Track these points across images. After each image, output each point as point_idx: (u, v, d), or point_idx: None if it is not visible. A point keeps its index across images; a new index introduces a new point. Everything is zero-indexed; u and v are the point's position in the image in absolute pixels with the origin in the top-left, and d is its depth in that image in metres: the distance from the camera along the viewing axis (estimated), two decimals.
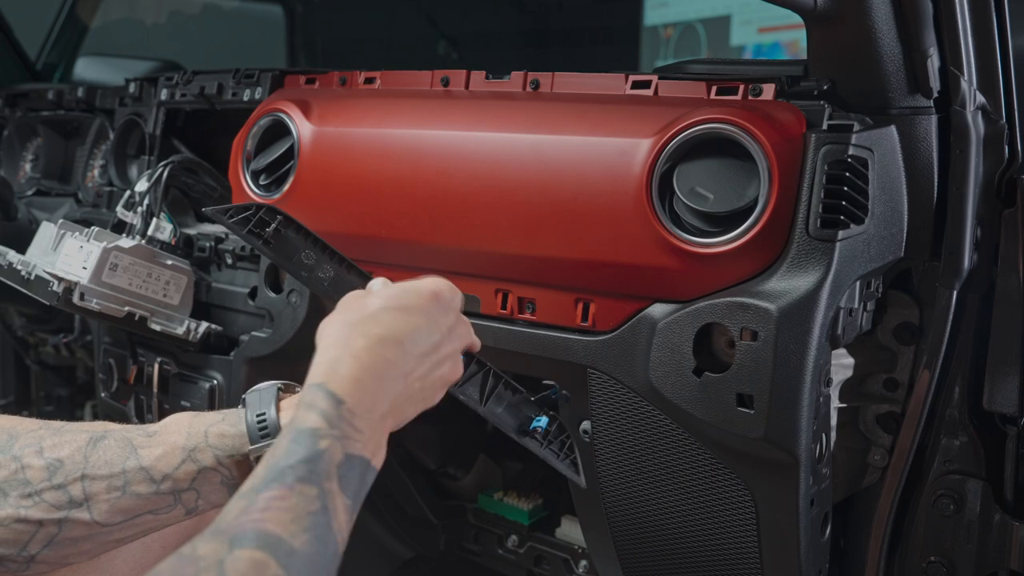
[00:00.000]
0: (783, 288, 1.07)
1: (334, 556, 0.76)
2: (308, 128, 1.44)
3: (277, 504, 0.74)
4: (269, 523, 0.72)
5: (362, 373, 0.85)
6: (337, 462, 0.79)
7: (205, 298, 1.62)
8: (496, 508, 1.68)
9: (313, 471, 0.77)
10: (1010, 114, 1.18)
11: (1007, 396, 1.17)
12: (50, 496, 0.92)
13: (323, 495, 0.76)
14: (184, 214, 1.72)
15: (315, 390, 0.83)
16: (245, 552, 0.70)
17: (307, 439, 0.79)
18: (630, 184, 1.14)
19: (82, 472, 0.93)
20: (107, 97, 1.99)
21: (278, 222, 1.08)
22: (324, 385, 0.83)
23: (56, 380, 2.36)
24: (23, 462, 0.93)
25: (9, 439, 0.95)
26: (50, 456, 0.94)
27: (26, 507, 0.92)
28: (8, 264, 1.61)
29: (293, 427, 0.81)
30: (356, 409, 0.83)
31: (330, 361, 0.86)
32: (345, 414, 0.82)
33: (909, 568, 1.26)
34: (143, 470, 0.93)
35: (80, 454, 0.94)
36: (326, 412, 0.81)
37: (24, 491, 0.92)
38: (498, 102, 1.32)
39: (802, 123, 1.10)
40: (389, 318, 0.91)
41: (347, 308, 0.93)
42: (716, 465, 1.15)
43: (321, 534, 0.75)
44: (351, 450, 0.81)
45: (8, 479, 0.92)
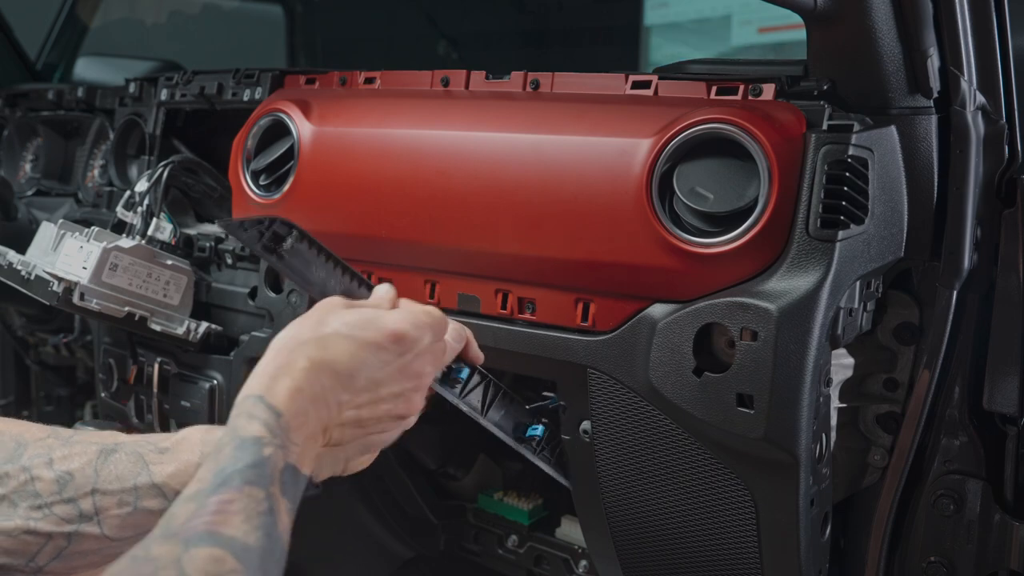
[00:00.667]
0: (783, 288, 1.07)
1: (282, 555, 0.78)
2: (308, 128, 1.44)
3: (228, 507, 0.76)
4: (221, 524, 0.74)
5: (298, 393, 0.87)
6: (280, 468, 0.82)
7: (205, 298, 1.62)
8: (496, 508, 1.68)
9: (260, 475, 0.79)
10: (1010, 114, 1.18)
11: (1007, 396, 1.17)
12: (60, 509, 0.92)
13: (269, 498, 0.79)
14: (184, 214, 1.72)
15: (255, 401, 0.85)
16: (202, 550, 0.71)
17: (252, 446, 0.81)
18: (630, 184, 1.14)
19: (93, 487, 0.93)
20: (107, 97, 1.99)
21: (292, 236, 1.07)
22: (263, 398, 0.85)
23: (56, 380, 2.36)
24: (33, 473, 0.93)
25: (17, 447, 0.95)
26: (60, 469, 0.93)
27: (36, 519, 0.92)
28: (8, 264, 1.61)
29: (236, 435, 0.82)
30: (291, 423, 0.85)
31: (270, 376, 0.88)
32: (283, 425, 0.84)
33: (909, 568, 1.26)
34: (155, 487, 0.93)
35: (91, 467, 0.94)
36: (267, 422, 0.84)
37: (34, 503, 0.92)
38: (498, 102, 1.32)
39: (802, 123, 1.10)
40: (335, 345, 0.91)
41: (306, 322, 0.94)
42: (716, 465, 1.15)
43: (270, 532, 0.77)
44: (289, 459, 0.83)
45: (18, 490, 0.92)
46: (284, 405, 0.85)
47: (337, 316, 0.95)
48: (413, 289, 1.35)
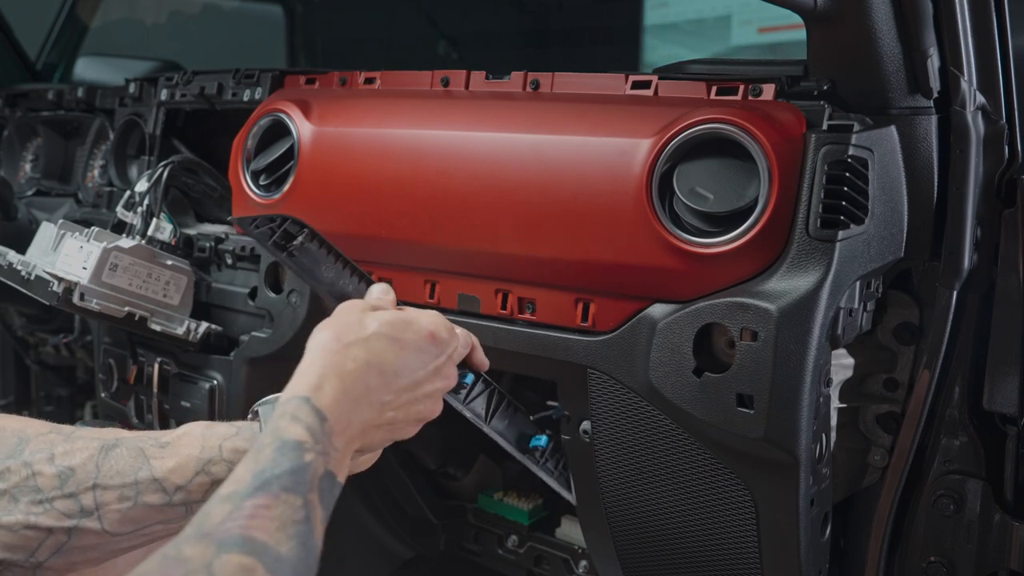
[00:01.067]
0: (783, 288, 1.07)
1: (314, 564, 0.78)
2: (308, 128, 1.44)
3: (264, 512, 0.75)
4: (256, 530, 0.73)
5: (344, 395, 0.87)
6: (320, 475, 0.81)
7: (205, 298, 1.62)
8: (496, 508, 1.68)
9: (299, 482, 0.79)
10: (1010, 114, 1.18)
11: (1007, 396, 1.17)
12: (61, 504, 0.92)
13: (307, 506, 0.78)
14: (184, 214, 1.72)
15: (301, 403, 0.85)
16: (233, 556, 0.71)
17: (293, 451, 0.81)
18: (630, 184, 1.14)
19: (94, 482, 0.93)
20: (107, 97, 1.99)
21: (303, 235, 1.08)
22: (310, 400, 0.85)
23: (56, 380, 2.36)
24: (34, 468, 0.93)
25: (19, 443, 0.95)
26: (61, 464, 0.94)
27: (36, 514, 0.92)
28: (8, 264, 1.61)
29: (278, 436, 0.82)
30: (335, 428, 0.85)
31: (318, 376, 0.88)
32: (327, 431, 0.84)
33: (909, 568, 1.26)
34: (155, 481, 0.93)
35: (92, 463, 0.94)
36: (311, 427, 0.83)
37: (35, 498, 0.92)
38: (498, 102, 1.32)
39: (802, 123, 1.10)
40: (381, 346, 0.92)
41: (343, 324, 0.94)
42: (716, 465, 1.15)
43: (305, 541, 0.76)
44: (329, 466, 0.83)
45: (19, 485, 0.93)
46: (329, 408, 0.85)
47: (374, 317, 0.95)
48: (413, 289, 1.35)
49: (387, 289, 1.03)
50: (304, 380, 0.87)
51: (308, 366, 0.89)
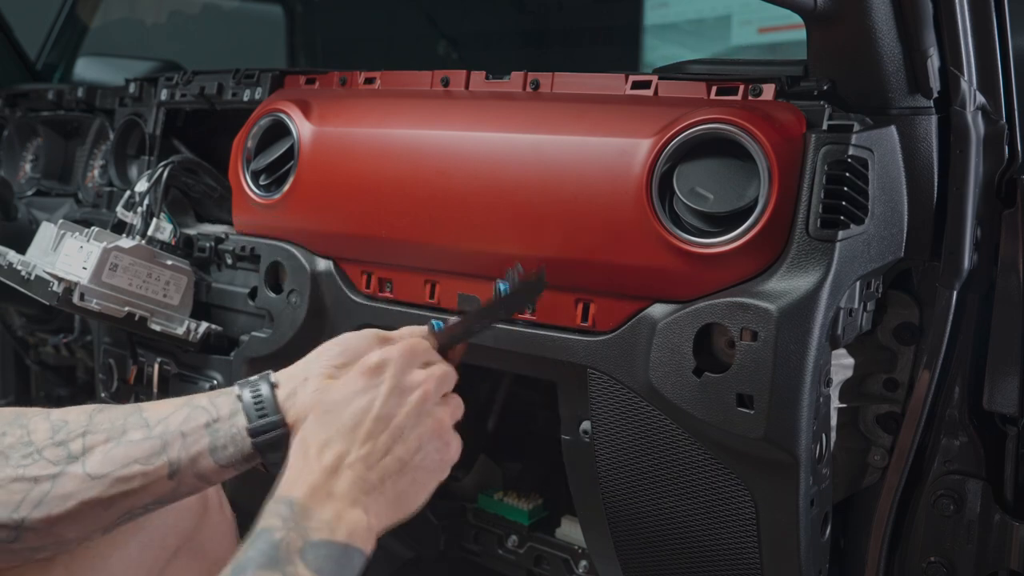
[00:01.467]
0: (783, 288, 1.07)
1: None
2: (308, 128, 1.44)
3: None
4: None
5: (312, 476, 0.92)
6: (298, 548, 0.86)
7: (205, 298, 1.62)
8: (496, 508, 1.68)
9: (272, 558, 0.84)
10: (1010, 114, 1.18)
11: (1007, 396, 1.17)
12: (50, 453, 0.95)
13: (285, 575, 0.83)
14: (184, 214, 1.72)
15: (273, 502, 0.90)
16: None
17: (262, 536, 0.86)
18: (630, 184, 1.14)
19: (85, 429, 0.96)
20: (107, 97, 1.99)
21: None
22: (280, 496, 0.91)
23: (56, 380, 2.36)
24: (29, 427, 0.97)
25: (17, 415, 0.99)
26: (56, 418, 0.98)
27: (25, 465, 0.94)
28: (8, 264, 1.61)
29: (252, 535, 0.87)
30: (308, 503, 0.89)
31: (288, 476, 0.93)
32: (298, 510, 0.88)
33: (909, 568, 1.26)
34: (142, 419, 0.98)
35: (85, 415, 0.98)
36: (279, 512, 0.88)
37: (26, 451, 0.95)
38: (498, 102, 1.32)
39: (802, 123, 1.10)
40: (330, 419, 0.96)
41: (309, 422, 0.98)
42: (716, 465, 1.15)
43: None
44: (313, 537, 0.87)
45: (13, 444, 0.96)
46: (299, 492, 0.90)
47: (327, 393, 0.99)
48: (413, 289, 1.35)
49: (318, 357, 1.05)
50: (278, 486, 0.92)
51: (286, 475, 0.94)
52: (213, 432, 0.97)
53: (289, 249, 1.47)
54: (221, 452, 0.97)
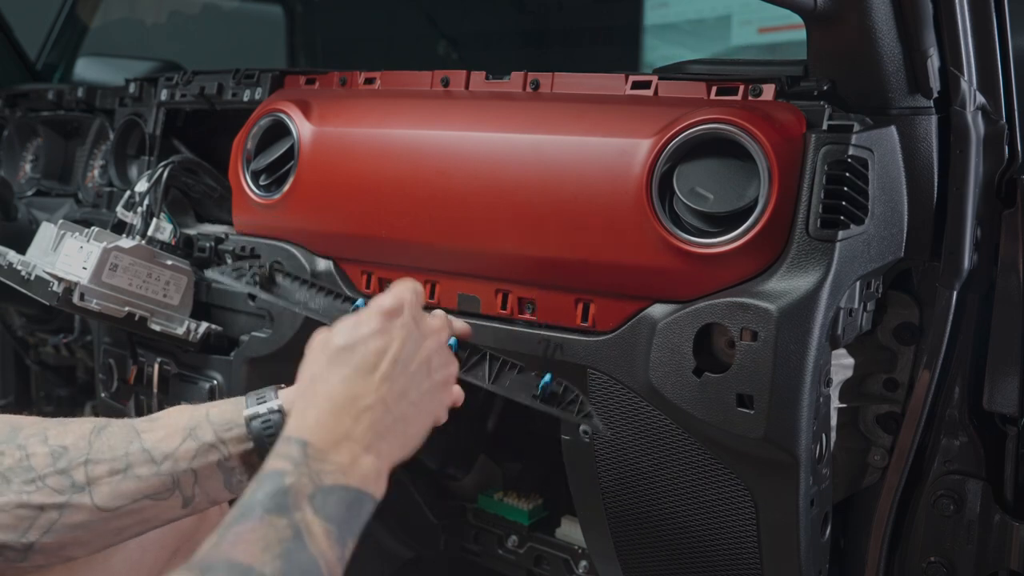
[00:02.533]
0: (783, 288, 1.07)
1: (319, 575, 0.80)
2: (308, 128, 1.44)
3: (247, 536, 0.77)
4: (239, 554, 0.76)
5: (324, 415, 0.89)
6: (307, 493, 0.83)
7: (205, 298, 1.62)
8: (496, 508, 1.68)
9: (280, 504, 0.81)
10: (1010, 114, 1.18)
11: (1007, 396, 1.17)
12: (53, 481, 0.93)
13: (294, 524, 0.80)
14: (184, 214, 1.72)
15: (284, 441, 0.88)
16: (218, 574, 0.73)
17: (272, 479, 0.83)
18: (630, 184, 1.14)
19: (86, 457, 0.94)
20: (107, 97, 1.99)
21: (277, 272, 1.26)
22: (291, 436, 0.88)
23: (56, 380, 2.36)
24: (28, 450, 0.95)
25: (13, 430, 0.97)
26: (55, 443, 0.95)
27: (29, 492, 0.93)
28: (8, 264, 1.61)
29: (261, 474, 0.85)
30: (322, 445, 0.87)
31: (298, 415, 0.90)
32: (311, 452, 0.86)
33: (909, 568, 1.26)
34: (145, 452, 0.95)
35: (84, 441, 0.95)
36: (290, 455, 0.85)
37: (27, 477, 0.93)
38: (498, 102, 1.32)
39: (802, 123, 1.10)
40: (346, 357, 0.94)
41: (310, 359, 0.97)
42: (716, 465, 1.15)
43: (296, 559, 0.78)
44: (325, 482, 0.85)
45: (12, 467, 0.94)
46: (310, 432, 0.88)
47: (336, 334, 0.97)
48: None
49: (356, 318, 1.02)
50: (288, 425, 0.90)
51: (294, 411, 0.92)
52: (226, 469, 0.96)
53: (289, 249, 1.47)
54: (236, 483, 0.97)
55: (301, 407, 0.91)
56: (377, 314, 0.97)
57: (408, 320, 0.98)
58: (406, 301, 0.99)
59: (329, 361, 0.94)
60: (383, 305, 0.98)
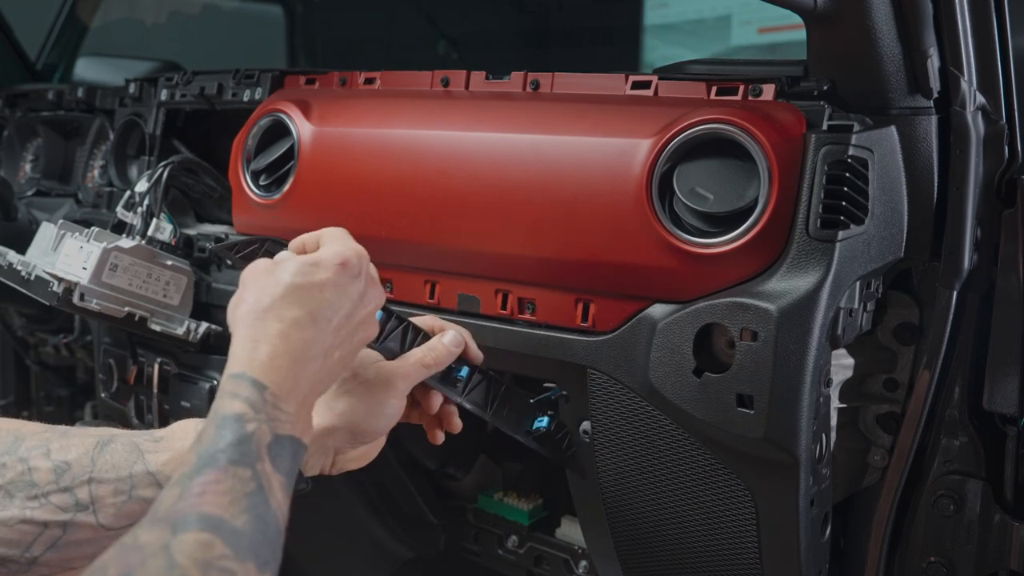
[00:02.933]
0: (783, 288, 1.07)
1: (276, 533, 0.78)
2: (308, 128, 1.44)
3: (213, 487, 0.75)
4: (208, 506, 0.74)
5: (280, 358, 0.86)
6: (267, 443, 0.81)
7: (205, 298, 1.62)
8: (496, 508, 1.68)
9: (244, 453, 0.79)
10: (1010, 114, 1.18)
11: (1007, 396, 1.17)
12: (57, 499, 0.92)
13: (256, 476, 0.78)
14: (184, 214, 1.72)
15: (236, 379, 0.84)
16: (190, 535, 0.71)
17: (233, 424, 0.81)
18: (630, 184, 1.14)
19: (89, 475, 0.93)
20: (107, 97, 1.99)
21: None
22: (244, 373, 0.85)
23: (56, 380, 2.36)
24: (30, 464, 0.94)
25: (15, 440, 0.96)
26: (57, 458, 0.94)
27: (32, 508, 0.92)
28: (8, 264, 1.61)
29: (218, 415, 0.82)
30: (279, 392, 0.85)
31: (248, 350, 0.87)
32: (269, 398, 0.84)
33: (909, 568, 1.26)
34: (150, 475, 0.94)
35: (87, 457, 0.94)
36: (250, 398, 0.83)
37: (30, 493, 0.92)
38: (498, 102, 1.32)
39: (802, 123, 1.10)
40: (301, 297, 0.90)
41: (253, 288, 0.92)
42: (716, 465, 1.15)
43: (260, 513, 0.76)
44: (279, 431, 0.83)
45: (14, 480, 0.93)
46: (267, 375, 0.85)
47: (282, 271, 0.92)
48: (413, 289, 1.35)
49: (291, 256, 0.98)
50: (236, 357, 0.87)
51: (239, 341, 0.88)
52: None
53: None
54: None
55: (251, 337, 0.87)
56: (336, 264, 0.94)
57: (363, 282, 0.96)
58: (364, 259, 0.97)
59: (283, 296, 0.90)
60: (343, 254, 0.95)
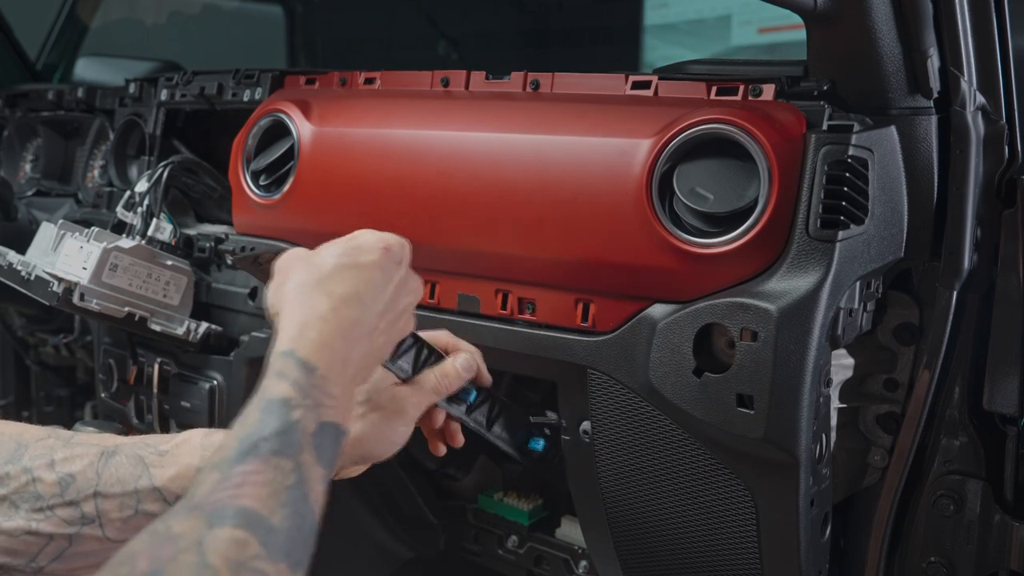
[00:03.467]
0: (783, 288, 1.07)
1: (311, 530, 0.75)
2: (308, 128, 1.44)
3: (253, 478, 0.72)
4: (246, 498, 0.70)
5: (331, 336, 0.83)
6: (311, 432, 0.77)
7: (205, 298, 1.62)
8: (496, 508, 1.67)
9: (287, 443, 0.75)
10: (1010, 114, 1.18)
11: (1007, 396, 1.17)
12: (62, 512, 0.92)
13: (298, 468, 0.75)
14: (184, 214, 1.72)
15: (285, 358, 0.81)
16: (225, 531, 0.68)
17: (279, 409, 0.77)
18: (630, 184, 1.14)
19: (94, 489, 0.92)
20: (107, 97, 1.99)
21: None
22: (294, 352, 0.81)
23: (56, 380, 2.36)
24: (34, 475, 0.93)
25: (18, 448, 0.95)
26: (62, 471, 0.93)
27: (37, 520, 0.91)
28: (8, 264, 1.61)
29: (264, 397, 0.78)
30: (328, 374, 0.81)
31: (297, 326, 0.83)
32: (317, 381, 0.80)
33: (909, 568, 1.26)
34: (155, 490, 0.93)
35: (92, 470, 0.93)
36: (297, 381, 0.79)
37: (35, 505, 0.92)
38: (498, 102, 1.32)
39: (802, 123, 1.10)
40: (349, 275, 0.88)
41: (298, 269, 0.90)
42: (716, 465, 1.15)
43: (298, 508, 0.73)
44: (324, 418, 0.79)
45: (19, 491, 0.92)
46: (317, 355, 0.81)
47: (326, 254, 0.91)
48: None
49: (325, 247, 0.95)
50: (284, 334, 0.83)
51: (285, 319, 0.84)
52: None
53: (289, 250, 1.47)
54: None
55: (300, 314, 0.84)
56: (380, 247, 0.92)
57: (404, 269, 0.94)
58: (405, 247, 0.95)
59: (331, 274, 0.87)
60: (385, 239, 0.93)
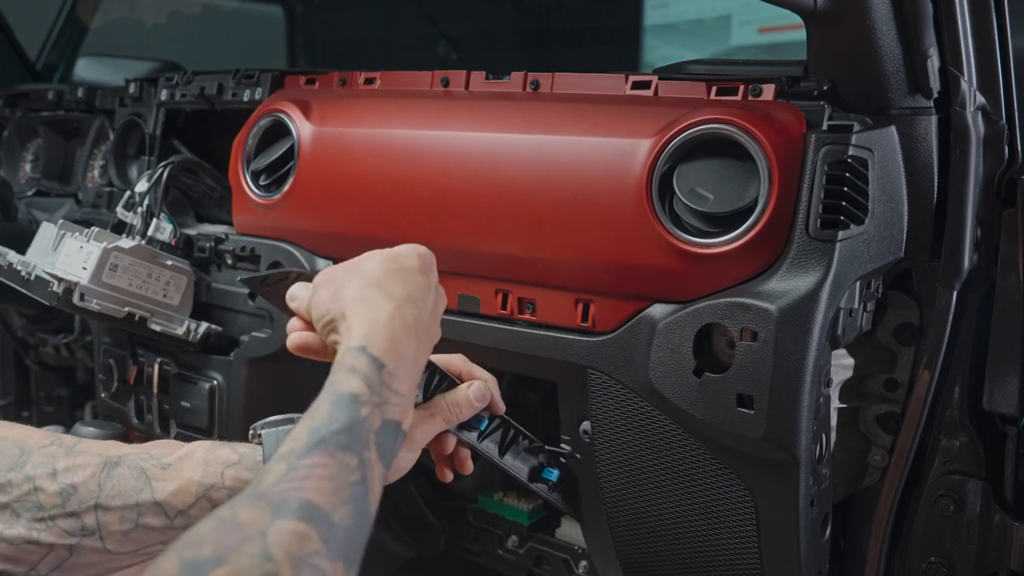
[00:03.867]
0: (783, 288, 1.07)
1: (367, 527, 0.76)
2: (308, 128, 1.44)
3: (319, 472, 0.73)
4: (311, 492, 0.71)
5: (398, 335, 0.85)
6: (375, 429, 0.79)
7: (205, 298, 1.62)
8: (496, 508, 1.68)
9: (354, 439, 0.76)
10: (1010, 114, 1.18)
11: (1007, 396, 1.17)
12: (63, 523, 0.92)
13: (362, 465, 0.76)
14: (184, 214, 1.72)
15: (356, 353, 0.82)
16: (288, 523, 0.68)
17: (348, 405, 0.78)
18: (630, 184, 1.14)
19: (96, 501, 0.92)
20: (107, 97, 1.99)
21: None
22: (365, 348, 0.82)
23: (56, 380, 2.36)
24: (36, 484, 0.93)
25: (21, 454, 0.95)
26: (63, 481, 0.93)
27: (38, 529, 0.91)
28: (8, 264, 1.61)
29: (334, 390, 0.80)
30: (396, 372, 0.83)
31: (368, 324, 0.84)
32: (386, 378, 0.82)
33: (909, 568, 1.26)
34: (157, 504, 0.93)
35: (94, 481, 0.93)
36: (368, 376, 0.81)
37: (37, 514, 0.92)
38: (498, 102, 1.32)
39: (802, 123, 1.10)
40: (400, 279, 0.90)
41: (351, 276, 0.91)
42: (716, 465, 1.15)
43: (360, 506, 0.74)
44: (388, 415, 0.81)
45: (20, 499, 0.92)
46: (386, 353, 0.83)
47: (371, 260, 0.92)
48: None
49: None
50: (355, 332, 0.84)
51: (354, 320, 0.85)
52: None
53: (289, 249, 1.47)
54: None
55: (368, 312, 0.86)
56: (416, 254, 0.94)
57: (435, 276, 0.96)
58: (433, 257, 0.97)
59: (384, 278, 0.89)
60: (416, 248, 0.95)
